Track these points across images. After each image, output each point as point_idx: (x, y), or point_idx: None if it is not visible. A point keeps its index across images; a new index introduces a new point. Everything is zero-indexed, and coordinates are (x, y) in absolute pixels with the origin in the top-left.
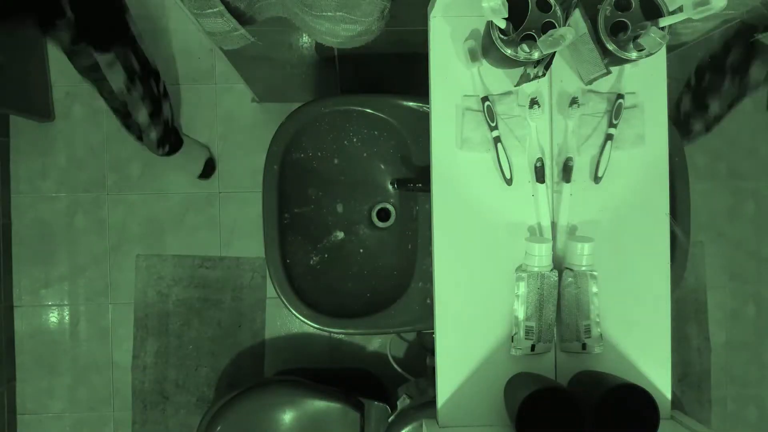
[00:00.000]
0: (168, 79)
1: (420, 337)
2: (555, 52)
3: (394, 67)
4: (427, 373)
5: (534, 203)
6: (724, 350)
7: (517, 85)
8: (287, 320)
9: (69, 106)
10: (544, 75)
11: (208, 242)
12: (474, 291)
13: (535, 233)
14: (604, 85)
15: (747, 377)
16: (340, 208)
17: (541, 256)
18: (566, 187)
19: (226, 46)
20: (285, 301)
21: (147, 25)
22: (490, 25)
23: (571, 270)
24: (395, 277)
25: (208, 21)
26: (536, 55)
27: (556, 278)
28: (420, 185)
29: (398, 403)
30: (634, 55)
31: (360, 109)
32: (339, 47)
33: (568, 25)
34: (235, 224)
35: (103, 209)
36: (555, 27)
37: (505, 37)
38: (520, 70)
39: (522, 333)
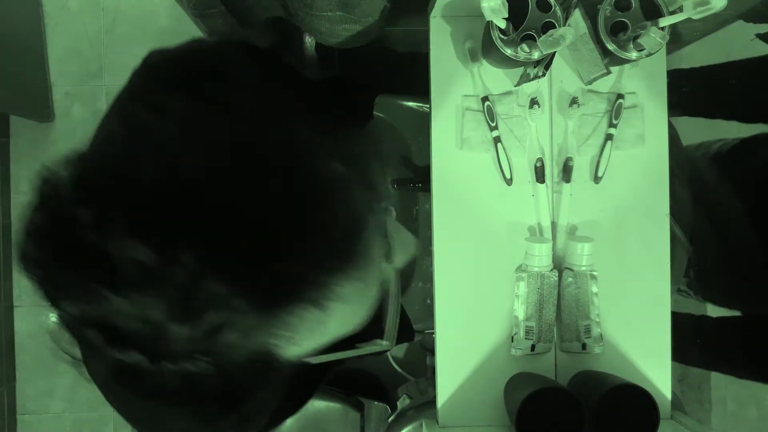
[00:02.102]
0: None
1: (420, 336)
2: (555, 52)
3: (394, 67)
4: (427, 373)
5: (534, 203)
6: None
7: (517, 85)
8: None
9: (69, 107)
10: (544, 75)
11: None
12: (474, 291)
13: (535, 233)
14: (604, 85)
15: None
16: None
17: (541, 256)
18: (566, 187)
19: None
20: None
21: (147, 25)
22: (490, 25)
23: (571, 270)
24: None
25: (208, 21)
26: (536, 55)
27: (556, 278)
28: (420, 185)
29: (398, 403)
30: (634, 55)
31: None
32: (339, 47)
33: (568, 25)
34: None
35: None
36: (555, 27)
37: (505, 37)
38: (520, 70)
39: (522, 333)
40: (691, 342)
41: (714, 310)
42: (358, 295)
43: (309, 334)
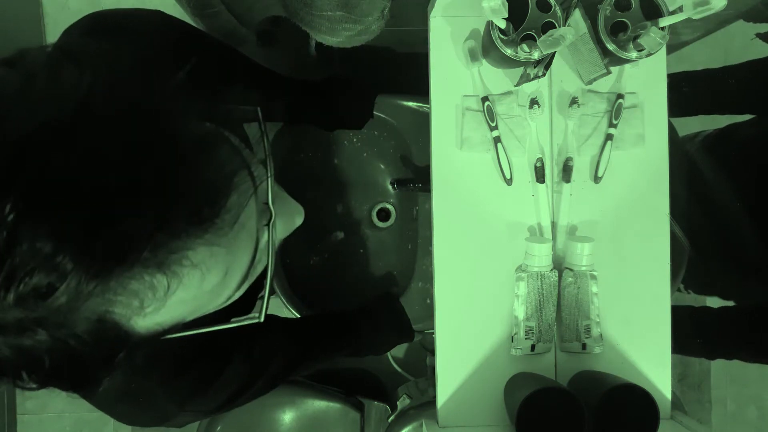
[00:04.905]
0: None
1: (420, 336)
2: (555, 52)
3: (394, 67)
4: (427, 373)
5: (534, 203)
6: None
7: (517, 85)
8: None
9: None
10: (544, 75)
11: None
12: (474, 291)
13: (535, 233)
14: (604, 85)
15: (747, 377)
16: (339, 208)
17: (541, 256)
18: (566, 187)
19: None
20: (285, 301)
21: None
22: (490, 25)
23: (571, 270)
24: (395, 277)
25: (207, 21)
26: (536, 55)
27: (556, 278)
28: (420, 185)
29: (398, 403)
30: (634, 55)
31: None
32: (339, 47)
33: (568, 25)
34: None
35: None
36: (555, 27)
37: (505, 37)
38: (520, 70)
39: (522, 333)
40: (692, 333)
41: (712, 302)
42: (217, 262)
43: (158, 303)
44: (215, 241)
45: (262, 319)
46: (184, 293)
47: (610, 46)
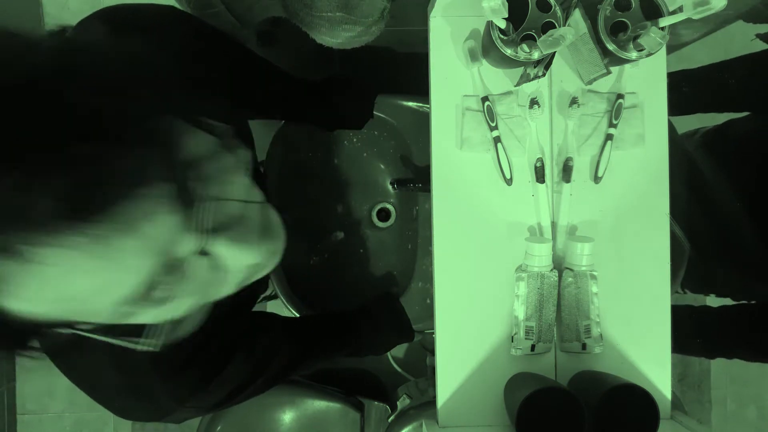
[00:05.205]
0: None
1: (420, 336)
2: (555, 52)
3: (394, 67)
4: (427, 373)
5: (534, 203)
6: None
7: (517, 85)
8: None
9: None
10: (544, 75)
11: None
12: (474, 291)
13: (535, 233)
14: (604, 85)
15: (747, 377)
16: (339, 208)
17: (541, 256)
18: (566, 187)
19: None
20: (285, 301)
21: None
22: (490, 25)
23: (571, 270)
24: (395, 277)
25: (208, 21)
26: (536, 55)
27: (556, 278)
28: (420, 185)
29: (398, 403)
30: (634, 55)
31: None
32: (339, 48)
33: (568, 25)
34: None
35: None
36: (555, 27)
37: (505, 37)
38: (520, 70)
39: (522, 333)
40: (692, 333)
41: (712, 301)
42: (84, 270)
43: (15, 290)
44: (84, 246)
45: (139, 348)
46: (43, 290)
47: (610, 46)
